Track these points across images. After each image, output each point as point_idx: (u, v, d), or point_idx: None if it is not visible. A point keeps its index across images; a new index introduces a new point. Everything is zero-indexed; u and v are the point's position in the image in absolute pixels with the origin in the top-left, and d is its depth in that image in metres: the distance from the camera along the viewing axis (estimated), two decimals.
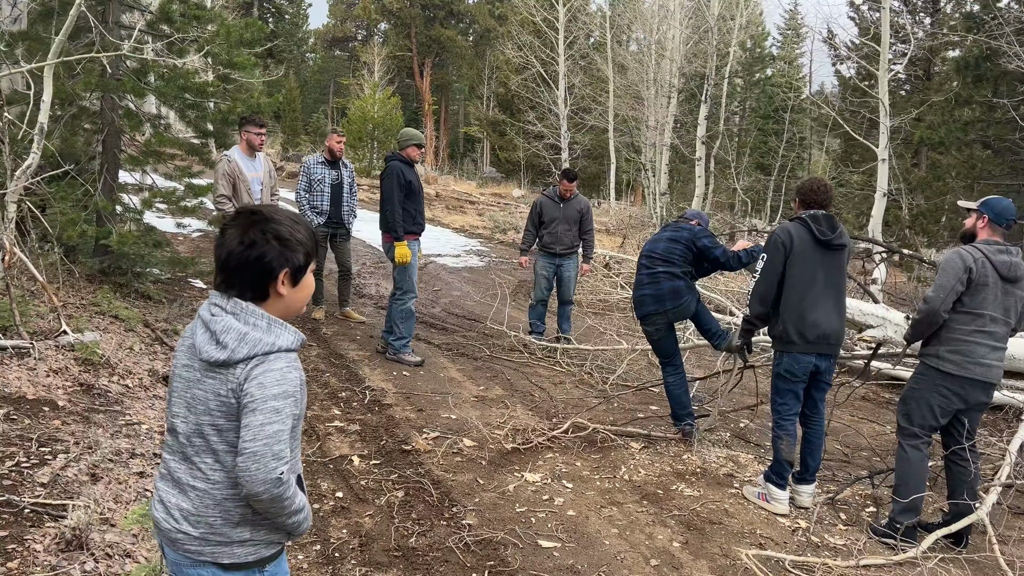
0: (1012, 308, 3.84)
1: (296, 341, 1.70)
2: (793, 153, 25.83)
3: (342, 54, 52.17)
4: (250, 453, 1.57)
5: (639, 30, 24.62)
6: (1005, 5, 14.58)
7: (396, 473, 4.20)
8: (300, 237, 1.72)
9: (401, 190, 6.04)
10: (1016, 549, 3.98)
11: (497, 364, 6.64)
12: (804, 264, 4.09)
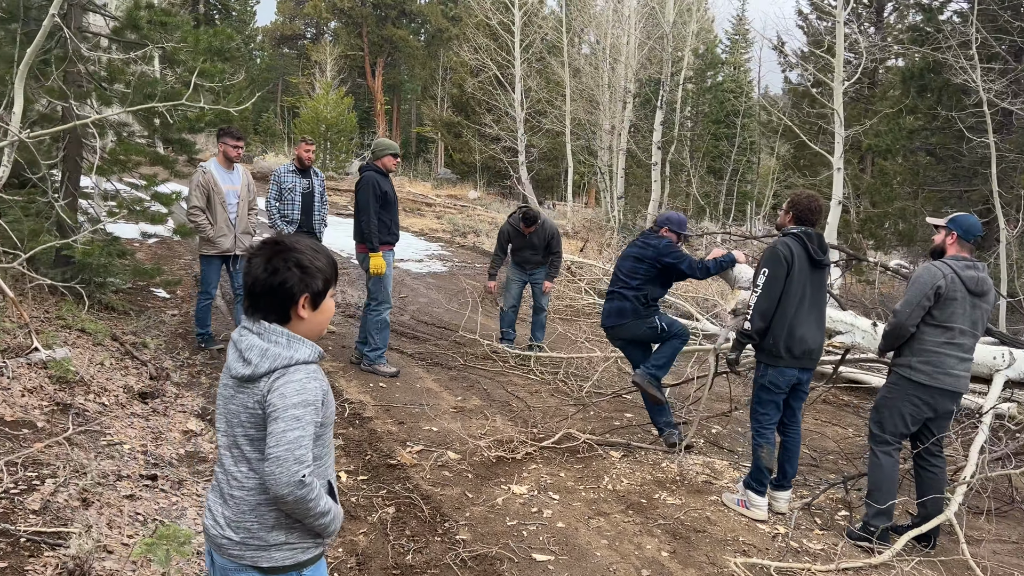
0: (979, 320, 4.05)
1: (314, 354, 1.85)
2: (744, 158, 26.43)
3: (291, 52, 51.34)
4: (274, 458, 1.73)
5: (592, 34, 24.87)
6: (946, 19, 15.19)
7: (385, 489, 4.21)
8: (320, 265, 1.88)
9: (377, 200, 6.03)
10: (980, 549, 4.19)
11: (472, 373, 6.67)
12: (797, 281, 4.20)
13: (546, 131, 25.47)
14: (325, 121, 26.61)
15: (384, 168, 6.17)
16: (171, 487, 3.72)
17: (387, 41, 43.27)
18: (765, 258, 4.24)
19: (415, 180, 31.78)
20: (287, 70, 50.67)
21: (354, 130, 28.63)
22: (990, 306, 4.09)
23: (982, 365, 5.61)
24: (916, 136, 14.82)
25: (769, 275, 4.17)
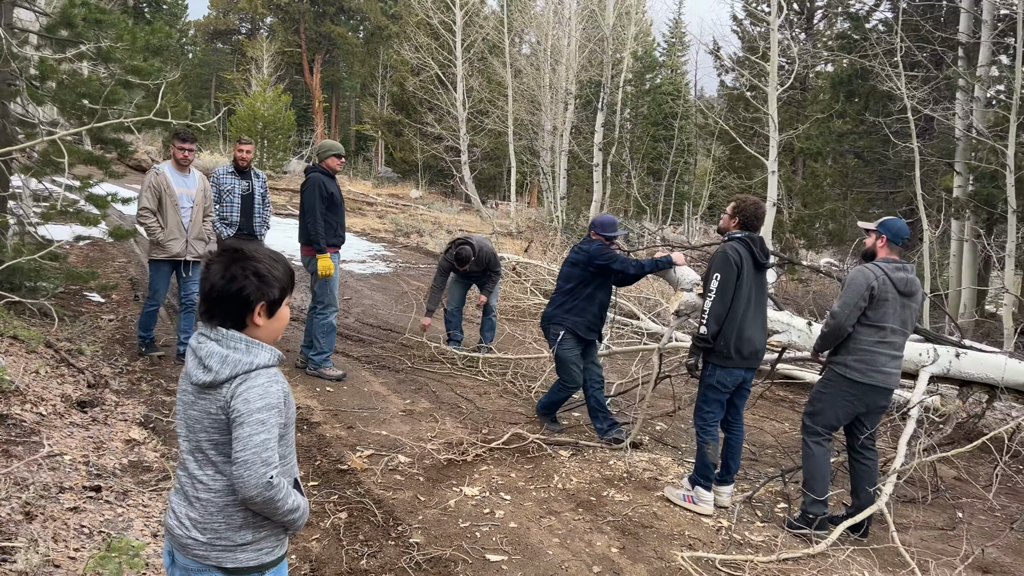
0: (908, 320, 4.27)
1: (274, 357, 1.90)
2: (682, 159, 27.00)
3: (225, 47, 50.14)
4: (242, 462, 1.77)
5: (533, 35, 25.05)
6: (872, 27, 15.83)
7: (336, 494, 4.20)
8: (277, 274, 1.92)
9: (323, 202, 6.00)
10: (909, 535, 4.42)
11: (420, 376, 6.68)
12: (745, 284, 4.34)
13: (488, 131, 25.55)
14: (262, 119, 26.09)
15: (329, 169, 6.14)
16: (116, 498, 3.64)
17: (325, 38, 42.67)
18: (717, 263, 4.33)
19: (355, 179, 31.44)
20: (221, 66, 49.46)
21: (292, 128, 28.15)
22: (918, 305, 4.31)
23: (909, 361, 5.92)
24: (845, 140, 15.42)
25: (721, 279, 4.28)
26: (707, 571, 3.76)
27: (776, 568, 3.89)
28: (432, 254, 14.74)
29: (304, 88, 43.66)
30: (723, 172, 24.84)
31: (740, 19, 22.47)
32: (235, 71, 41.61)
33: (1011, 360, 5.95)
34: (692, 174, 29.26)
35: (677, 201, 26.52)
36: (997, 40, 13.60)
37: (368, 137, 43.73)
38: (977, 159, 13.21)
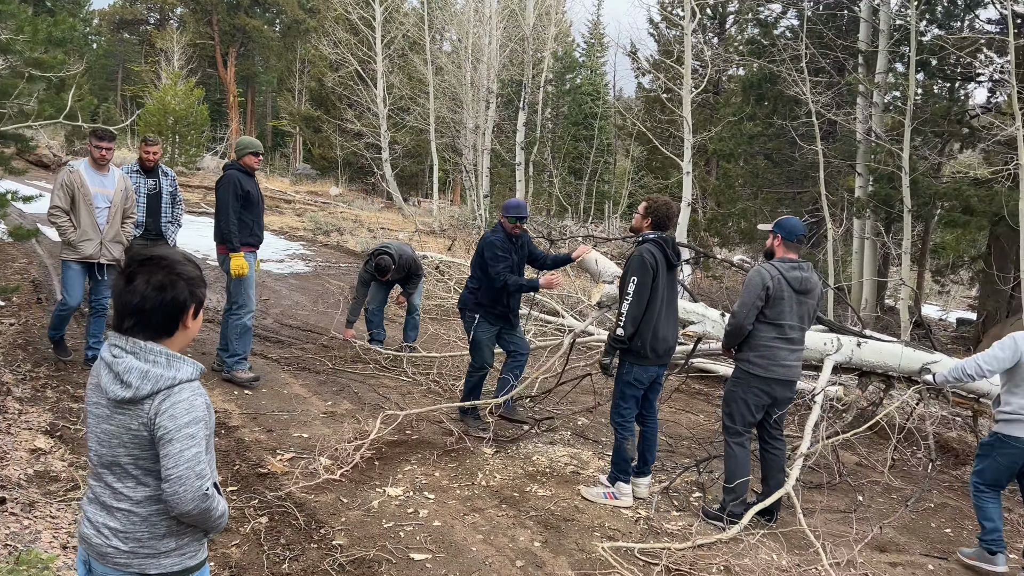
0: (806, 315, 4.50)
1: (196, 372, 1.89)
2: (602, 159, 27.48)
3: (132, 38, 48.02)
4: (175, 478, 1.76)
5: (454, 33, 25.02)
6: (780, 33, 16.50)
7: (256, 499, 4.13)
8: (198, 274, 1.94)
9: (237, 200, 5.87)
10: (815, 519, 4.67)
11: (342, 377, 6.61)
12: (659, 284, 4.46)
13: (410, 128, 25.39)
14: (173, 113, 25.12)
15: (247, 167, 6.02)
16: (22, 510, 3.49)
17: (239, 30, 41.41)
18: (634, 266, 4.42)
19: (273, 176, 30.68)
20: (128, 57, 47.40)
21: (205, 123, 27.22)
22: (816, 301, 4.52)
23: (814, 351, 6.23)
24: (755, 141, 16.03)
25: (639, 283, 4.38)
26: (627, 560, 3.88)
27: (692, 554, 4.05)
28: (353, 253, 14.56)
29: (218, 82, 42.28)
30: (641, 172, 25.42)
31: (656, 23, 23.03)
32: (143, 63, 39.95)
33: (907, 349, 6.33)
34: (612, 173, 29.81)
35: (598, 200, 26.96)
36: (893, 49, 14.41)
37: (286, 133, 42.73)
38: (876, 161, 13.97)
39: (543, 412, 6.20)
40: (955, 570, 4.34)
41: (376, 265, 7.08)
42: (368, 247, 15.57)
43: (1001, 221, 11.81)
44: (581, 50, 33.59)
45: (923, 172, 12.95)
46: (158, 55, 34.67)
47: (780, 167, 15.94)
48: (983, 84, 14.98)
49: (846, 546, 4.27)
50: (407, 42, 25.08)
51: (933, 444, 5.71)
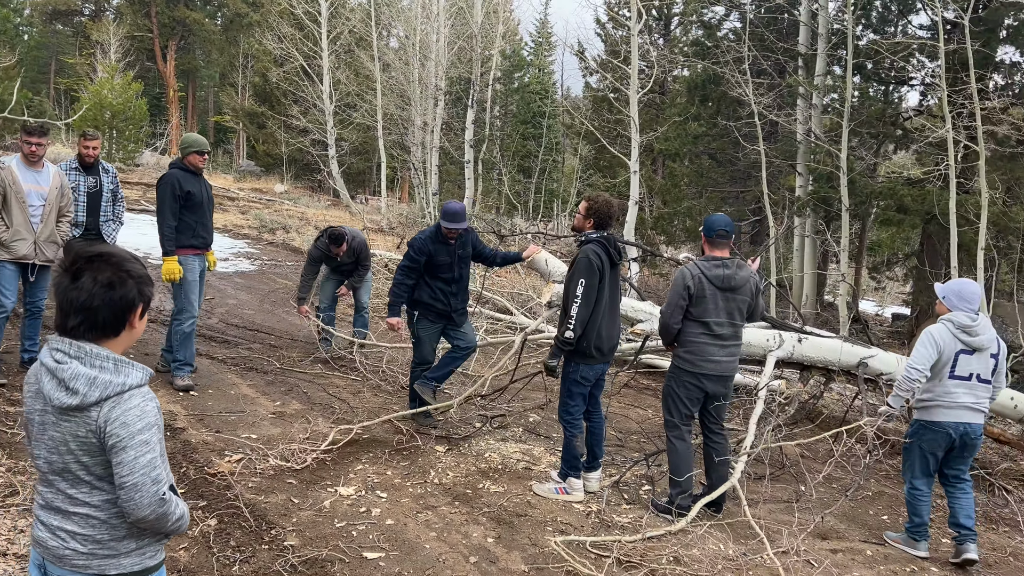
0: (736, 311, 4.51)
1: (145, 376, 1.85)
2: (551, 157, 27.63)
3: (66, 29, 46.32)
4: (131, 486, 1.73)
5: (401, 29, 24.82)
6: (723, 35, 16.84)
7: (205, 501, 4.06)
8: (147, 273, 1.90)
9: (176, 200, 5.66)
10: (759, 509, 4.80)
11: (291, 377, 6.52)
12: (603, 284, 4.50)
13: (357, 125, 25.09)
14: (111, 108, 24.35)
15: (191, 166, 5.82)
16: None
17: (179, 23, 40.30)
18: (580, 268, 4.43)
19: (216, 172, 30.01)
20: (62, 49, 45.71)
21: (145, 118, 26.45)
22: (747, 297, 4.53)
23: (757, 347, 6.40)
24: (700, 141, 16.35)
25: (586, 285, 4.40)
26: (579, 554, 3.93)
27: (642, 546, 4.12)
28: (299, 251, 14.35)
29: (157, 76, 41.08)
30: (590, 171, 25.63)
31: (603, 23, 23.26)
32: (78, 55, 38.56)
33: (846, 344, 6.56)
34: (560, 172, 30.01)
35: (547, 198, 27.11)
36: (831, 52, 14.86)
37: (228, 129, 41.77)
38: (816, 161, 14.39)
39: (495, 410, 6.22)
40: (891, 555, 4.51)
41: (330, 235, 7.04)
42: None
43: (933, 220, 12.29)
44: (529, 48, 33.72)
45: (860, 172, 13.40)
46: (94, 47, 33.50)
47: (724, 166, 16.29)
48: (915, 87, 15.57)
49: (790, 535, 4.40)
50: (354, 38, 24.79)
51: (871, 435, 5.92)
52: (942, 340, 4.39)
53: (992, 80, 13.61)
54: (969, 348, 4.40)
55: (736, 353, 4.65)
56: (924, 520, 4.55)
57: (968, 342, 4.39)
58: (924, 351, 4.40)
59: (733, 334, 4.55)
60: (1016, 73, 13.72)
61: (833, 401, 8.09)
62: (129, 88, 25.51)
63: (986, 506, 5.60)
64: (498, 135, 27.31)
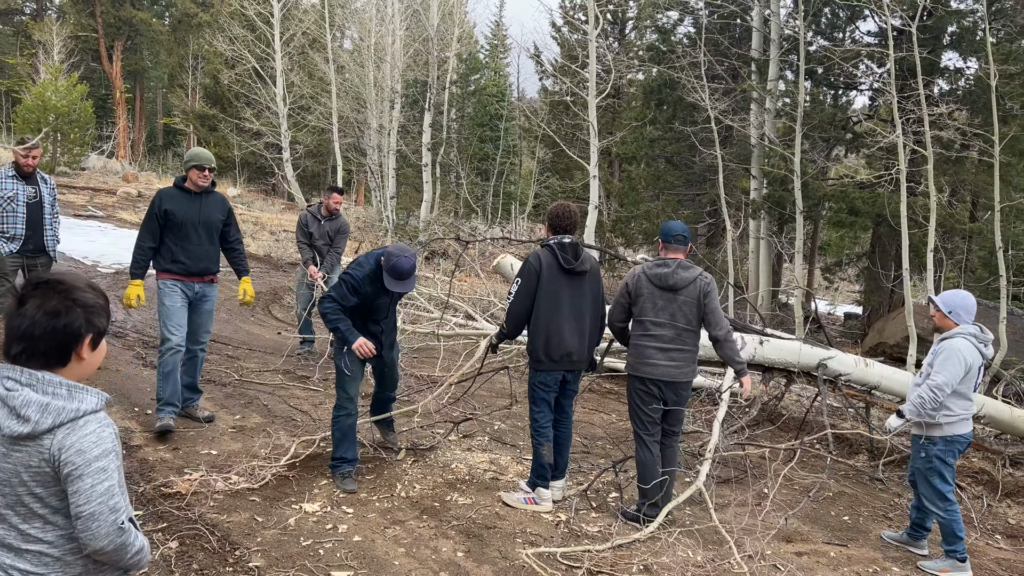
0: (679, 312, 4.44)
1: (100, 401, 1.79)
2: (508, 160, 27.64)
3: (6, 29, 44.78)
4: (88, 515, 1.68)
5: (355, 31, 24.57)
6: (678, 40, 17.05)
7: (165, 522, 3.92)
8: (101, 302, 1.84)
9: (155, 220, 5.11)
10: (726, 514, 4.84)
11: (250, 389, 6.38)
12: (548, 289, 4.44)
13: (312, 127, 24.76)
14: (55, 110, 23.60)
15: (191, 183, 5.19)
16: None
17: (125, 23, 39.25)
18: (520, 270, 4.53)
19: (165, 176, 29.32)
20: (1, 49, 44.14)
21: (91, 120, 25.70)
22: (692, 300, 4.44)
23: None
24: (656, 145, 16.52)
25: (520, 284, 4.46)
26: (549, 565, 3.91)
27: (612, 555, 4.12)
28: (255, 256, 14.08)
29: (103, 77, 39.94)
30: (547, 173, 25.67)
31: (559, 27, 23.34)
32: (19, 56, 37.31)
33: (805, 346, 6.67)
34: (518, 175, 30.04)
35: (505, 201, 27.11)
36: (784, 58, 15.16)
37: (178, 131, 40.84)
38: (770, 165, 14.65)
39: (461, 415, 6.17)
40: (854, 556, 4.59)
41: (331, 187, 7.67)
42: (271, 251, 15.10)
43: (883, 221, 12.61)
44: (484, 51, 33.69)
45: (812, 175, 13.67)
46: (36, 47, 32.47)
47: (680, 170, 16.49)
48: (864, 92, 15.96)
49: (756, 538, 4.44)
50: (307, 39, 24.45)
51: (831, 436, 6.03)
52: (971, 356, 4.32)
53: (937, 85, 14.04)
54: (984, 362, 4.42)
55: (681, 359, 4.48)
56: (964, 536, 4.42)
57: (985, 354, 4.40)
58: (956, 369, 4.29)
59: (676, 337, 4.44)
60: (960, 78, 14.17)
61: (792, 402, 8.22)
62: (74, 90, 24.77)
63: None
64: (455, 138, 27.20)
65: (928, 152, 9.80)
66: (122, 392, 5.84)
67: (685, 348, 4.48)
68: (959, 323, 4.45)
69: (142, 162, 34.79)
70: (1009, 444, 6.79)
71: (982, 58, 12.12)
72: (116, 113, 37.94)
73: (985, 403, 6.52)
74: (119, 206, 18.98)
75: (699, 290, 4.45)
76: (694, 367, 4.59)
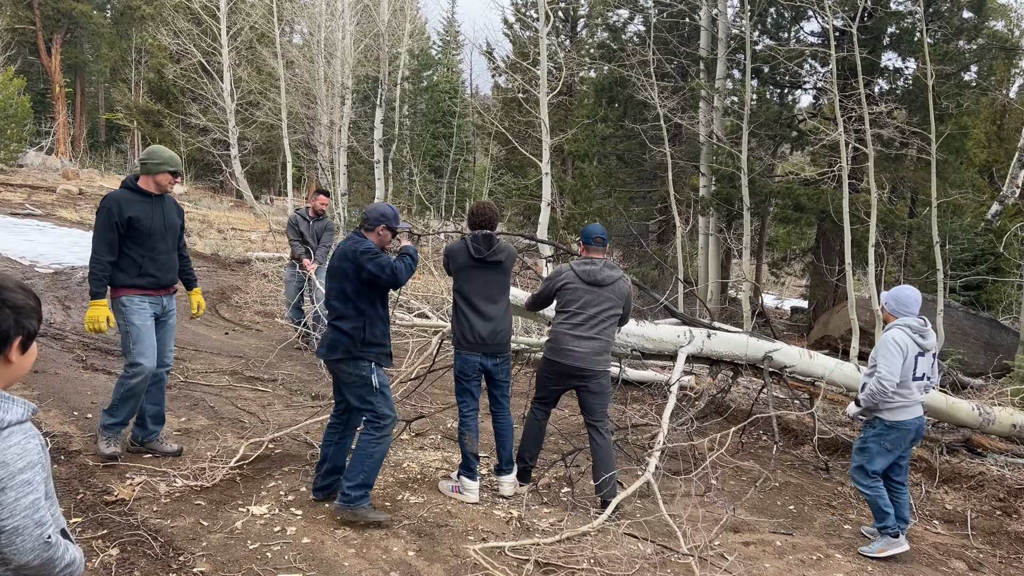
0: (601, 306, 4.77)
1: (27, 412, 1.74)
2: (461, 157, 27.55)
3: None
4: (11, 530, 1.63)
5: (305, 26, 24.19)
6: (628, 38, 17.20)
7: (105, 529, 3.82)
8: (32, 304, 1.77)
9: (114, 229, 4.45)
10: (675, 506, 4.91)
11: (196, 391, 6.24)
12: (464, 276, 4.70)
13: (260, 123, 24.31)
14: None
15: (158, 186, 4.63)
16: None
17: (64, 15, 38.02)
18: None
19: (108, 173, 28.51)
20: None
21: (28, 115, 24.83)
22: (615, 295, 4.77)
23: (669, 343, 6.56)
24: (608, 143, 16.65)
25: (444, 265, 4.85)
26: (499, 560, 3.92)
27: (563, 549, 4.15)
28: (202, 255, 13.79)
29: (41, 71, 38.63)
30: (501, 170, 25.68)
31: (511, 24, 23.35)
32: None
33: (751, 339, 6.80)
34: (472, 171, 29.98)
35: (459, 198, 27.03)
36: (731, 57, 15.42)
37: (121, 127, 39.71)
38: (718, 162, 14.89)
39: (413, 413, 6.14)
40: (799, 544, 4.71)
41: (318, 188, 8.42)
42: (218, 249, 14.80)
43: (827, 217, 12.93)
44: (437, 47, 33.50)
45: (759, 172, 13.95)
46: None
47: (631, 167, 16.65)
48: (808, 91, 16.33)
49: (704, 529, 4.52)
50: (255, 34, 23.98)
51: (776, 427, 6.17)
52: (905, 344, 4.51)
53: (878, 85, 14.44)
54: (922, 350, 4.60)
55: (597, 348, 4.76)
56: (892, 512, 4.61)
57: (921, 344, 4.58)
58: (893, 358, 4.48)
59: (594, 327, 4.75)
60: (899, 78, 14.61)
61: (740, 395, 8.38)
62: (10, 84, 23.90)
63: None
64: (408, 135, 27.01)
65: (869, 150, 10.08)
66: (60, 396, 5.67)
67: (601, 339, 4.78)
68: (896, 315, 4.66)
69: (83, 159, 33.75)
70: (945, 432, 7.03)
71: (920, 58, 12.51)
72: (55, 108, 36.72)
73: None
74: (59, 204, 18.39)
75: (626, 290, 4.84)
76: (608, 358, 4.89)
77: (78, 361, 6.72)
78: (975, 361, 11.40)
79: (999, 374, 10.55)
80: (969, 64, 14.12)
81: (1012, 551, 5.05)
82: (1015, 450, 6.81)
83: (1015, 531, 5.33)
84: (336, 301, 4.15)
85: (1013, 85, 27.00)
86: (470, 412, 4.73)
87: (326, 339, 4.20)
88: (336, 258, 4.17)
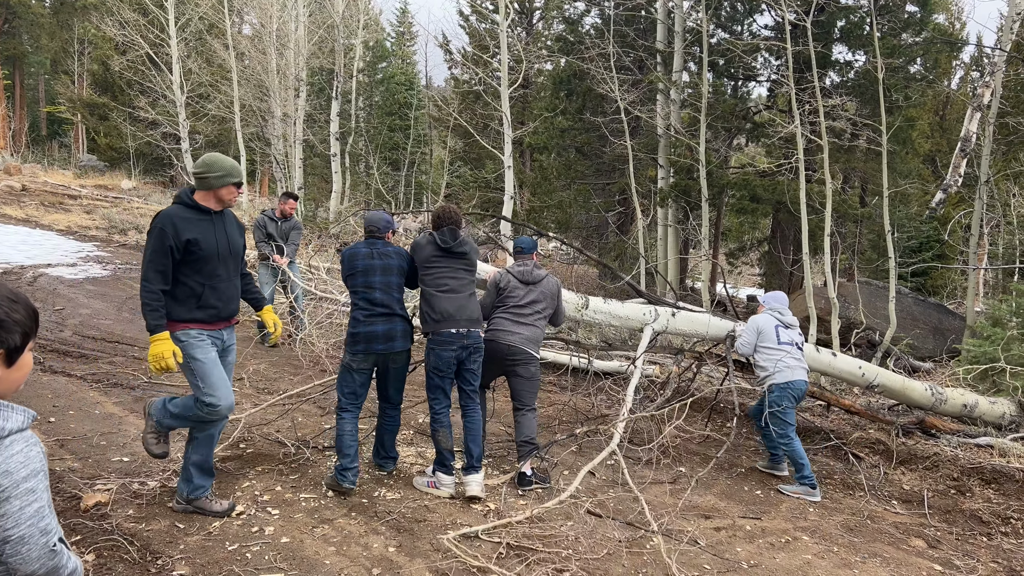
0: (534, 299, 5.22)
1: (27, 420, 1.70)
2: (419, 149, 27.36)
3: None
4: (17, 539, 1.61)
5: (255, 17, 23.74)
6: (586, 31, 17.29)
7: (78, 535, 3.74)
8: (17, 317, 1.72)
9: (168, 255, 3.79)
10: (647, 493, 5.00)
11: (161, 391, 6.13)
12: (432, 268, 4.79)
13: (212, 116, 23.82)
14: None
15: (220, 202, 4.00)
16: None
17: (2, 5, 36.69)
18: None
19: (52, 168, 27.63)
20: None
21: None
22: (546, 291, 5.26)
23: (635, 320, 6.71)
24: (567, 135, 16.73)
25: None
26: (473, 547, 3.94)
27: (538, 534, 4.19)
28: None
29: None
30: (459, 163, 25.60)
31: (467, 16, 23.25)
32: None
33: (713, 318, 6.95)
34: (429, 164, 29.81)
35: (417, 191, 26.87)
36: (688, 49, 15.60)
37: (64, 120, 38.51)
38: (676, 154, 15.08)
39: None
40: (768, 527, 4.84)
41: (285, 192, 8.38)
42: None
43: (783, 208, 13.22)
44: (391, 39, 33.17)
45: (716, 164, 14.17)
46: None
47: (591, 159, 16.77)
48: (763, 83, 16.63)
49: (677, 517, 4.62)
50: (204, 24, 23.46)
51: (740, 414, 6.31)
52: (762, 322, 5.97)
53: (829, 78, 14.78)
54: (783, 324, 5.94)
55: (529, 334, 5.13)
56: (807, 463, 5.57)
57: (782, 319, 5.97)
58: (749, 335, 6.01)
59: (529, 316, 5.18)
60: (849, 71, 14.97)
61: (704, 383, 8.53)
62: None
63: (843, 473, 6.12)
64: (364, 127, 26.72)
65: (824, 141, 10.33)
66: (21, 400, 5.49)
67: (535, 327, 5.20)
68: (767, 307, 6.12)
69: (25, 153, 32.65)
70: (900, 414, 7.27)
71: (870, 52, 12.85)
72: None
73: (879, 373, 6.97)
74: (2, 201, 17.78)
75: (555, 285, 5.39)
76: (538, 346, 5.21)
77: (36, 364, 6.54)
78: (924, 345, 11.80)
79: (949, 357, 10.94)
80: (916, 57, 14.55)
81: (967, 528, 5.27)
82: (966, 430, 7.08)
83: (969, 509, 5.56)
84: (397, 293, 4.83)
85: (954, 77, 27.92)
86: (443, 409, 4.72)
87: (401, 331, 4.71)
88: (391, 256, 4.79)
